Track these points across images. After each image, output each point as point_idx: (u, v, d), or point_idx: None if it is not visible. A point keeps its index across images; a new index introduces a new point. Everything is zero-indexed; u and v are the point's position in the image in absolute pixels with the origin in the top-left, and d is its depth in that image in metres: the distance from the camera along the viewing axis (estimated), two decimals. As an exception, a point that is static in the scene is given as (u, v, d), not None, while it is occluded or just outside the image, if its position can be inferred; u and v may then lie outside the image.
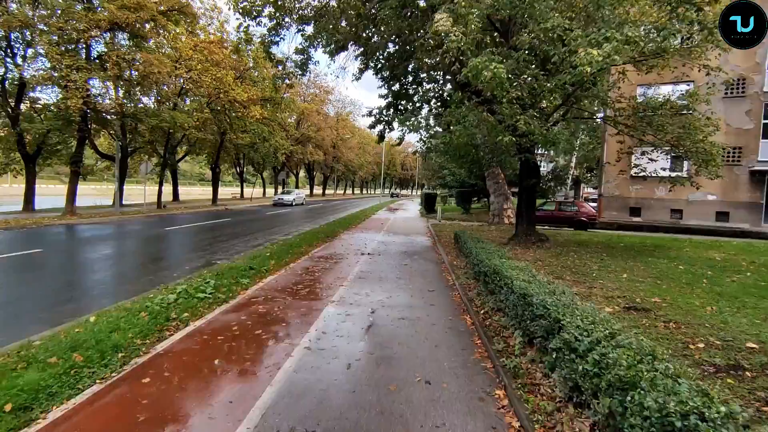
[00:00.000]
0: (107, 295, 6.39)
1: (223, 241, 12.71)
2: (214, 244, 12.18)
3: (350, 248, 11.49)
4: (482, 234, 14.55)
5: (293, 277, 7.67)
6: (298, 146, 42.69)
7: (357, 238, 14.02)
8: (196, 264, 8.97)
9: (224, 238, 13.57)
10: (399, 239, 14.04)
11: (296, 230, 16.20)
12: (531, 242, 10.75)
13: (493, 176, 16.56)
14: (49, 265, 8.57)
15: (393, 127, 19.59)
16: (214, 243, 12.47)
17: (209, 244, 12.22)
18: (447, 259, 9.80)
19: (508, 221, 16.46)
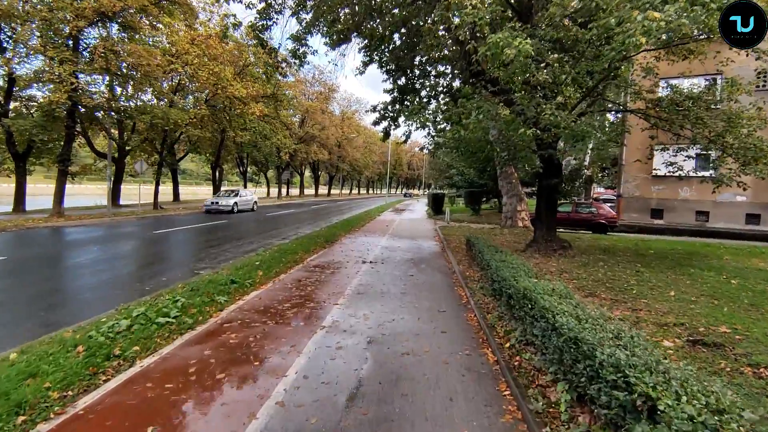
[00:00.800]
0: (57, 318, 5.37)
1: (214, 246, 11.71)
2: (203, 250, 11.18)
3: (350, 255, 10.42)
4: (495, 238, 13.41)
5: (281, 292, 6.61)
6: (302, 145, 41.73)
7: (359, 242, 12.95)
8: (175, 274, 7.96)
9: (216, 242, 12.58)
10: (404, 244, 12.95)
11: (295, 233, 15.17)
12: (552, 249, 9.61)
13: (506, 176, 15.41)
14: (5, 276, 7.59)
15: (398, 124, 18.50)
16: (204, 248, 11.47)
17: (198, 250, 11.23)
18: (458, 268, 8.69)
19: (522, 224, 15.31)
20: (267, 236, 14.16)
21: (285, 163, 42.79)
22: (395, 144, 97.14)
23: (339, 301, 6.14)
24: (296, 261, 9.18)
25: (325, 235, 13.68)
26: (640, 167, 19.43)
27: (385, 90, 17.60)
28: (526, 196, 16.24)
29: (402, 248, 11.98)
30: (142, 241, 12.23)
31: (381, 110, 17.46)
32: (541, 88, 7.40)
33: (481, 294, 6.50)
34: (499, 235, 14.36)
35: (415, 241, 13.64)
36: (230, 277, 6.94)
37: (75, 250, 10.71)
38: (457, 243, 12.91)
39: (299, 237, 13.58)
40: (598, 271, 8.04)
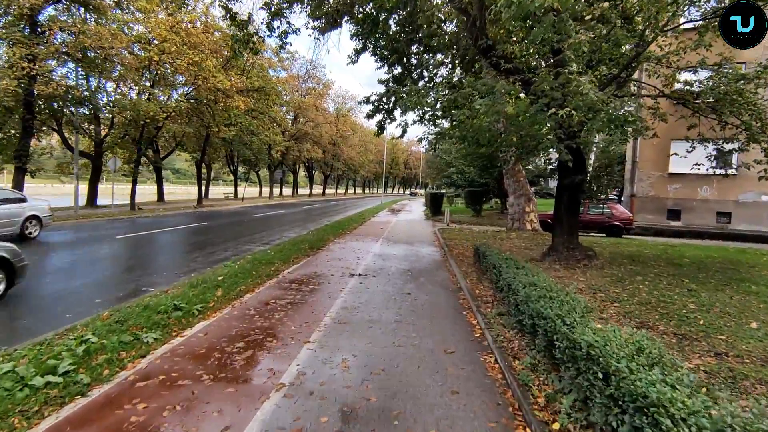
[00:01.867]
0: None
1: (181, 254, 10.14)
2: (165, 259, 9.61)
3: (337, 265, 8.87)
4: (503, 244, 11.90)
5: (238, 322, 5.06)
6: (294, 143, 40.11)
7: (349, 248, 11.41)
8: (115, 294, 6.38)
9: (185, 248, 11.00)
10: (401, 250, 11.42)
11: (279, 237, 13.61)
12: (575, 259, 8.10)
13: (513, 173, 13.92)
14: None
15: (394, 117, 16.99)
16: (168, 257, 9.91)
17: (159, 259, 9.66)
18: (465, 284, 7.17)
19: (530, 227, 13.83)
20: (246, 241, 12.58)
21: (277, 162, 41.14)
22: (391, 143, 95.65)
23: (312, 337, 4.60)
24: (270, 274, 7.62)
25: (312, 240, 12.13)
26: (655, 164, 18.01)
27: (380, 80, 16.09)
28: (534, 195, 14.74)
29: (397, 256, 10.44)
30: (97, 248, 10.63)
31: (375, 102, 15.96)
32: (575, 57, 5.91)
33: (500, 324, 4.98)
34: (507, 240, 12.85)
35: (412, 247, 12.10)
36: (176, 301, 5.38)
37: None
38: (461, 249, 11.39)
39: (282, 242, 12.02)
40: (638, 288, 6.52)
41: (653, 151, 17.52)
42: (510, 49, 7.33)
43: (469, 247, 11.63)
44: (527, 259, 9.01)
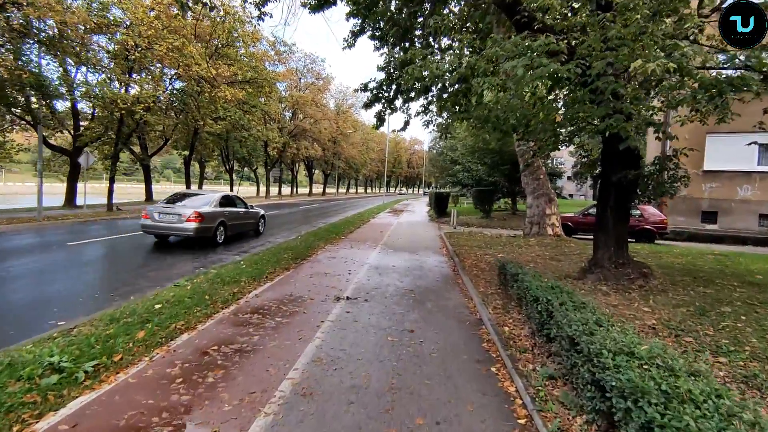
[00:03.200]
0: None
1: (133, 267, 8.33)
2: (111, 273, 7.81)
3: (321, 283, 7.05)
4: (523, 253, 10.04)
5: (144, 395, 3.22)
6: (291, 140, 38.32)
7: (340, 259, 9.57)
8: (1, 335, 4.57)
9: (142, 259, 9.20)
10: (401, 261, 9.58)
11: (262, 244, 11.80)
12: (627, 278, 6.23)
13: (532, 170, 12.05)
14: None
15: (395, 107, 15.19)
16: (115, 270, 8.10)
17: (106, 275, 7.84)
18: (488, 314, 5.32)
19: (552, 232, 11.97)
20: (221, 250, 10.76)
21: (274, 160, 39.37)
22: (394, 141, 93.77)
23: (255, 426, 2.77)
24: (228, 299, 5.78)
25: (298, 248, 10.30)
26: (689, 160, 16.02)
27: (379, 67, 14.31)
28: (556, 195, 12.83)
29: (398, 269, 8.59)
30: (27, 260, 8.82)
31: (373, 89, 14.14)
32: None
33: (557, 402, 3.12)
34: (526, 248, 10.97)
35: (415, 256, 10.25)
36: (60, 355, 3.56)
37: None
38: (474, 259, 9.54)
39: (263, 250, 10.20)
40: (735, 326, 4.62)
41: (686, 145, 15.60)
42: (546, 2, 5.50)
43: (483, 257, 9.77)
44: (560, 276, 7.15)
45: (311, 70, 41.46)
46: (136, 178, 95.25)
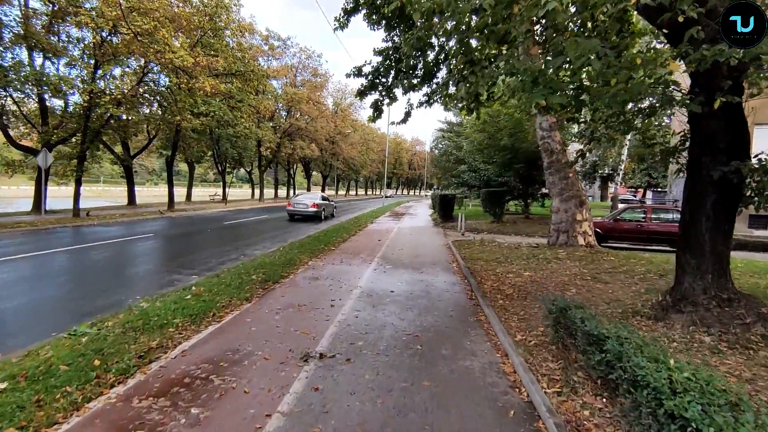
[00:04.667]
0: None
1: (44, 299, 6.29)
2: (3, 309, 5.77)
3: (287, 327, 4.99)
4: (553, 270, 7.97)
5: None
6: (287, 139, 36.30)
7: (324, 279, 7.52)
8: None
9: (64, 284, 7.15)
10: (402, 283, 7.51)
11: (235, 258, 9.78)
12: (740, 323, 4.16)
13: (560, 167, 9.96)
14: None
15: (394, 96, 13.13)
16: (15, 304, 6.05)
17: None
18: (541, 393, 3.25)
19: (583, 241, 9.89)
20: (182, 266, 8.73)
21: (269, 160, 37.36)
22: (395, 143, 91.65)
23: None
24: (131, 367, 3.72)
25: (273, 265, 8.26)
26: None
27: (376, 50, 12.31)
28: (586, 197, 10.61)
29: (397, 296, 6.52)
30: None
31: (369, 75, 12.14)
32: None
33: None
34: (556, 262, 8.87)
35: (420, 275, 8.17)
36: None
37: None
38: (495, 280, 7.47)
39: (229, 269, 8.16)
40: None
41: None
42: None
43: (505, 277, 7.71)
44: (623, 312, 5.09)
45: (307, 67, 39.49)
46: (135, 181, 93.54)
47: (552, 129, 10.16)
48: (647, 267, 8.20)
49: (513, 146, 16.77)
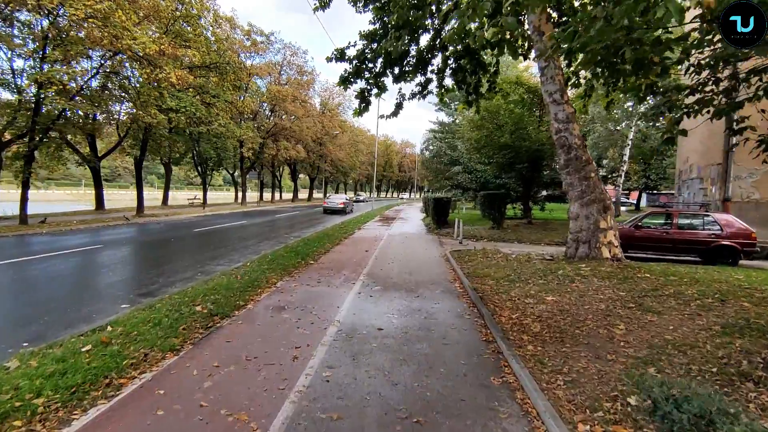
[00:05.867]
0: None
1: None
2: None
3: (221, 400, 3.23)
4: (580, 292, 6.33)
5: None
6: (270, 139, 34.40)
7: (291, 310, 5.77)
8: None
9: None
10: (394, 315, 5.79)
11: (192, 274, 7.98)
12: None
13: (579, 166, 8.34)
14: None
15: (383, 86, 11.55)
16: None
17: None
18: None
19: (609, 254, 8.28)
20: (108, 293, 6.91)
21: (251, 161, 35.40)
22: (384, 145, 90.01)
23: None
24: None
25: (229, 288, 6.50)
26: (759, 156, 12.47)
27: (363, 33, 10.80)
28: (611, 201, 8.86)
29: (388, 338, 4.79)
30: None
31: (354, 59, 10.54)
32: None
33: None
34: (581, 281, 7.22)
35: (415, 301, 6.45)
36: None
37: None
38: (512, 308, 5.81)
39: (170, 296, 6.36)
40: None
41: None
42: None
43: (524, 303, 6.06)
44: (720, 374, 3.46)
45: (291, 63, 37.64)
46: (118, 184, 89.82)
47: (569, 120, 8.57)
48: (697, 288, 6.61)
49: (515, 144, 15.22)
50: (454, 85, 12.53)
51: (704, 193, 14.76)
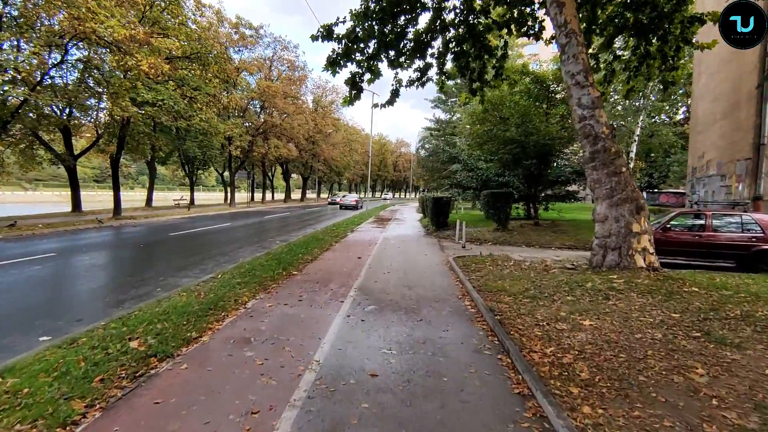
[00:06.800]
0: None
1: None
2: None
3: None
4: (622, 313, 5.03)
5: None
6: (260, 137, 32.94)
7: (261, 341, 4.42)
8: None
9: None
10: (391, 349, 4.47)
11: (150, 290, 6.61)
12: None
13: (607, 159, 7.05)
14: None
15: (377, 70, 10.25)
16: None
17: None
18: None
19: (645, 262, 7.00)
20: (21, 322, 5.54)
21: (240, 161, 33.93)
22: (379, 144, 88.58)
23: None
24: None
25: (183, 314, 5.17)
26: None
27: (354, 12, 9.46)
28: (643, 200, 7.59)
29: (384, 390, 3.45)
30: None
31: (343, 38, 9.19)
32: None
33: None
34: (617, 299, 5.93)
35: (418, 328, 5.12)
36: None
37: None
38: (544, 338, 4.51)
39: (104, 325, 5.00)
40: None
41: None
42: None
43: (556, 329, 4.77)
44: None
45: (282, 59, 36.19)
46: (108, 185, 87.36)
47: (595, 106, 7.30)
48: (765, 308, 5.35)
49: (521, 139, 13.94)
50: (457, 71, 11.25)
51: (727, 191, 13.58)
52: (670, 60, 9.33)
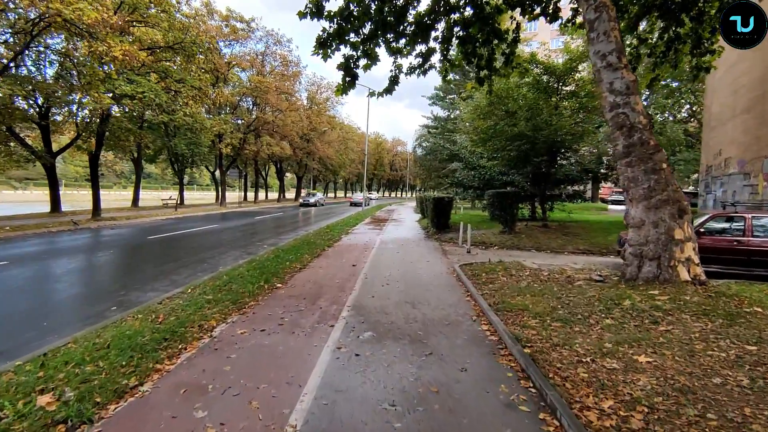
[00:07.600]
0: None
1: None
2: None
3: None
4: (687, 348, 3.91)
5: None
6: (251, 134, 31.71)
7: (217, 390, 3.28)
8: None
9: None
10: (394, 404, 3.35)
11: (104, 307, 5.45)
12: None
13: (644, 155, 5.94)
14: None
15: (375, 55, 9.12)
16: None
17: None
18: None
19: (690, 275, 5.92)
20: None
21: (230, 158, 32.68)
22: (375, 143, 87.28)
23: None
24: None
25: (127, 348, 4.01)
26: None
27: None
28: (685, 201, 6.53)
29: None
30: None
31: (335, 16, 7.98)
32: None
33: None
34: (666, 322, 4.86)
35: (427, 367, 4.01)
36: None
37: None
38: (593, 383, 3.38)
39: (15, 371, 3.83)
40: None
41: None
42: None
43: (605, 370, 3.63)
44: None
45: (275, 53, 34.92)
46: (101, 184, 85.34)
47: (630, 92, 6.22)
48: None
49: (531, 134, 12.85)
50: (463, 58, 10.14)
51: (752, 191, 12.56)
52: (706, 43, 8.27)
